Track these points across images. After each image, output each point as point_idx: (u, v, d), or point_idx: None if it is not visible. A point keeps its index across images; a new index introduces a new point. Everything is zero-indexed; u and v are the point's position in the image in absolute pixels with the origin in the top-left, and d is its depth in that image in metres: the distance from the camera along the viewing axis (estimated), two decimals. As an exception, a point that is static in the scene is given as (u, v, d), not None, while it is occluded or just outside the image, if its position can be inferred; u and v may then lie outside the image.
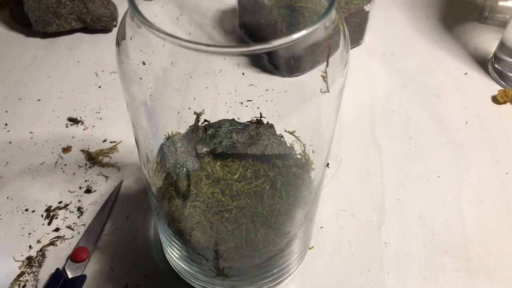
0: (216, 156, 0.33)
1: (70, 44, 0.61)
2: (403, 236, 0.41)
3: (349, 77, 0.28)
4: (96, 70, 0.57)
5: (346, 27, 0.26)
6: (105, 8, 0.61)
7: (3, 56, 0.59)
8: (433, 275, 0.38)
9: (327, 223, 0.42)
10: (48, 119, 0.51)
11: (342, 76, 0.26)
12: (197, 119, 0.33)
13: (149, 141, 0.31)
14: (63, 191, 0.44)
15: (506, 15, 0.63)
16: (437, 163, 0.47)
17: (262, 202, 0.31)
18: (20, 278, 0.37)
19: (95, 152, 0.47)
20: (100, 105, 0.52)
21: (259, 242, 0.31)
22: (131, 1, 0.23)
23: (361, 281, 0.38)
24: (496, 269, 0.39)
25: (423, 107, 0.53)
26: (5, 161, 0.46)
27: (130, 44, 0.25)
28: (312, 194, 0.33)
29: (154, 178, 0.33)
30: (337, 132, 0.49)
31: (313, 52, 0.24)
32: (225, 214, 0.30)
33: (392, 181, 0.45)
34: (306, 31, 0.22)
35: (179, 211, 0.31)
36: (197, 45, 0.21)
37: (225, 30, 0.52)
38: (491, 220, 0.42)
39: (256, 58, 0.33)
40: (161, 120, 0.31)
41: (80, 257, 0.38)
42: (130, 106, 0.28)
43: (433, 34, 0.63)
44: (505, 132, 0.50)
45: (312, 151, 0.33)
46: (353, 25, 0.58)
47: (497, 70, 0.57)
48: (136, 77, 0.25)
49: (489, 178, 0.46)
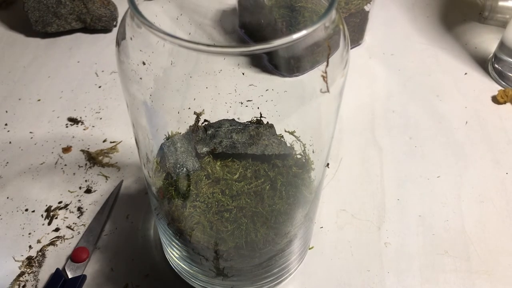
0: (216, 156, 0.33)
1: (70, 44, 0.61)
2: (403, 236, 0.41)
3: (349, 77, 0.28)
4: (96, 70, 0.57)
5: (346, 27, 0.26)
6: (105, 8, 0.61)
7: (3, 56, 0.59)
8: (433, 275, 0.38)
9: (327, 223, 0.42)
10: (48, 119, 0.51)
11: (342, 76, 0.26)
12: (197, 119, 0.33)
13: (149, 141, 0.31)
14: (63, 191, 0.44)
15: (506, 15, 0.63)
16: (437, 163, 0.47)
17: (262, 202, 0.31)
18: (20, 278, 0.37)
19: (95, 152, 0.47)
20: (100, 105, 0.52)
21: (259, 242, 0.31)
22: (131, 1, 0.23)
23: (361, 281, 0.38)
24: (496, 269, 0.39)
25: (423, 107, 0.53)
26: (5, 161, 0.46)
27: (130, 44, 0.25)
28: (312, 194, 0.33)
29: (154, 178, 0.33)
30: (337, 132, 0.49)
31: (313, 52, 0.24)
32: (225, 214, 0.30)
33: (392, 181, 0.45)
34: (306, 31, 0.22)
35: (179, 211, 0.31)
36: (197, 45, 0.21)
37: (225, 30, 0.52)
38: (491, 220, 0.42)
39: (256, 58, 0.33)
40: (161, 120, 0.31)
41: (80, 257, 0.38)
42: (130, 106, 0.28)
43: (433, 34, 0.63)
44: (505, 132, 0.50)
45: (312, 151, 0.33)
46: (353, 25, 0.58)
47: (497, 70, 0.57)
48: (136, 77, 0.25)
49: (489, 178, 0.46)
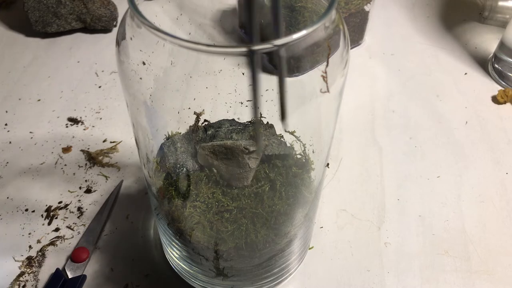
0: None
1: (70, 44, 0.61)
2: (403, 236, 0.41)
3: (349, 77, 0.28)
4: (96, 70, 0.57)
5: (346, 27, 0.26)
6: (105, 8, 0.61)
7: (3, 56, 0.59)
8: (433, 275, 0.38)
9: (327, 223, 0.42)
10: (48, 119, 0.51)
11: (342, 76, 0.26)
12: (197, 119, 0.33)
13: (149, 141, 0.31)
14: (63, 191, 0.44)
15: (506, 15, 0.63)
16: (437, 163, 0.47)
17: (262, 203, 0.31)
18: (20, 278, 0.37)
19: (95, 152, 0.47)
20: (100, 105, 0.52)
21: (259, 243, 0.31)
22: (131, 1, 0.23)
23: (361, 281, 0.38)
24: (496, 269, 0.39)
25: (423, 107, 0.53)
26: (5, 161, 0.46)
27: (130, 44, 0.25)
28: (312, 194, 0.33)
29: (154, 178, 0.33)
30: (337, 132, 0.49)
31: (313, 52, 0.24)
32: (225, 214, 0.30)
33: (392, 181, 0.45)
34: (306, 31, 0.22)
35: (179, 211, 0.31)
36: (197, 45, 0.21)
37: (225, 30, 0.52)
38: (491, 220, 0.42)
39: (256, 58, 0.33)
40: (161, 120, 0.31)
41: (80, 257, 0.38)
42: (130, 106, 0.28)
43: (433, 34, 0.63)
44: (505, 132, 0.50)
45: (312, 151, 0.33)
46: (353, 25, 0.58)
47: (497, 70, 0.57)
48: (136, 77, 0.25)
49: (489, 178, 0.46)
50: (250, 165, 0.30)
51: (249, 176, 0.30)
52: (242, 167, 0.30)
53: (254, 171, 0.31)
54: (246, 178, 0.30)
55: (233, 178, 0.30)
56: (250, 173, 0.30)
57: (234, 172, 0.30)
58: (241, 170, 0.30)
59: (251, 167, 0.30)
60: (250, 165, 0.30)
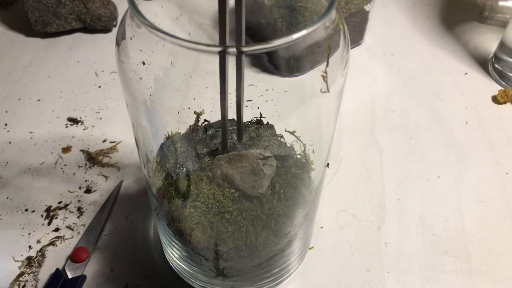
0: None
1: (70, 44, 0.61)
2: (403, 236, 0.41)
3: (349, 77, 0.28)
4: (96, 70, 0.57)
5: (346, 27, 0.26)
6: (105, 8, 0.61)
7: (3, 56, 0.58)
8: (433, 275, 0.38)
9: (327, 223, 0.42)
10: (48, 119, 0.51)
11: (342, 76, 0.26)
12: (197, 119, 0.33)
13: (149, 141, 0.31)
14: (63, 191, 0.44)
15: (506, 15, 0.63)
16: (437, 163, 0.47)
17: (261, 206, 0.31)
18: (20, 278, 0.37)
19: (95, 152, 0.47)
20: (100, 105, 0.52)
21: (259, 245, 0.31)
22: (131, 1, 0.23)
23: (361, 281, 0.38)
24: (496, 269, 0.39)
25: (423, 107, 0.53)
26: (5, 161, 0.46)
27: (130, 44, 0.25)
28: (312, 194, 0.33)
29: (154, 178, 0.33)
30: (337, 132, 0.49)
31: (313, 52, 0.24)
32: (225, 215, 0.30)
33: (392, 181, 0.45)
34: (306, 31, 0.22)
35: (179, 211, 0.31)
36: (197, 45, 0.21)
37: (225, 30, 0.52)
38: (491, 220, 0.42)
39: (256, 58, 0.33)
40: (161, 120, 0.31)
41: (80, 257, 0.38)
42: (130, 106, 0.28)
43: (433, 34, 0.63)
44: (505, 132, 0.50)
45: (312, 151, 0.33)
46: (353, 25, 0.58)
47: (497, 70, 0.57)
48: (136, 77, 0.25)
49: (489, 178, 0.46)
50: (265, 171, 0.30)
51: (264, 183, 0.30)
52: (257, 173, 0.30)
53: (270, 179, 0.31)
54: (261, 185, 0.30)
55: (248, 187, 0.30)
56: (265, 180, 0.30)
57: (249, 180, 0.30)
58: (256, 177, 0.30)
59: (265, 173, 0.30)
60: (264, 171, 0.30)
